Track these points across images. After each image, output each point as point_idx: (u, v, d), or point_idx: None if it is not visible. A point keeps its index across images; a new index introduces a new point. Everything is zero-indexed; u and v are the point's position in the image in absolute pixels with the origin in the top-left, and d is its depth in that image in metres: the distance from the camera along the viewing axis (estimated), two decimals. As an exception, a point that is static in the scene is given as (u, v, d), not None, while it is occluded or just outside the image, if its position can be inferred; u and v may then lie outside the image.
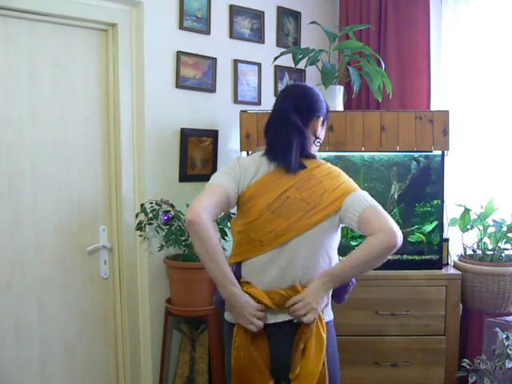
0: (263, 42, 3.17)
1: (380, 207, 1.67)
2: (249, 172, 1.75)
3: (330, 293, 1.75)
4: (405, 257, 2.66)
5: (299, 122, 1.74)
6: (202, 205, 1.62)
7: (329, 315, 1.79)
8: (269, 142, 1.79)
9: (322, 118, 1.81)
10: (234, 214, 2.03)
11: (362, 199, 1.67)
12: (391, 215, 1.69)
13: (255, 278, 1.72)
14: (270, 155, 1.76)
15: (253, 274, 1.72)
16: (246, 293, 1.69)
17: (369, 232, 1.63)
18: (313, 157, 1.79)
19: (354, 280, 1.79)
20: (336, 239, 1.77)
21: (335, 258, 1.78)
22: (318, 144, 1.83)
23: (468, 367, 2.47)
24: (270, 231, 1.69)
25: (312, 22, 2.97)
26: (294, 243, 1.69)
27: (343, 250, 1.87)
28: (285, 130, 1.74)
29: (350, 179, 1.78)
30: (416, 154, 2.67)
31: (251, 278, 1.72)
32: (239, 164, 1.77)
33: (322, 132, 1.83)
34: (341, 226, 1.75)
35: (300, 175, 1.72)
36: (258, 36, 3.14)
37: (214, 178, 1.75)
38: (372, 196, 1.72)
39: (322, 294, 1.67)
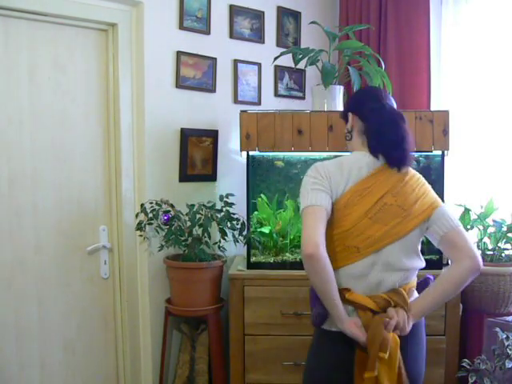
0: (263, 42, 3.17)
1: (463, 229, 1.74)
2: (340, 180, 1.73)
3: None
4: (405, 257, 2.67)
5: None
6: (318, 237, 1.61)
7: None
8: (381, 138, 1.77)
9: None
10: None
11: (449, 217, 1.74)
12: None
13: (354, 284, 1.71)
14: (383, 151, 1.76)
15: (351, 280, 1.72)
16: (349, 300, 1.69)
17: (452, 255, 1.72)
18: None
19: (432, 277, 1.84)
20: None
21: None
22: None
23: (468, 367, 2.47)
24: (368, 237, 1.69)
25: (312, 22, 2.97)
26: (389, 248, 1.71)
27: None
28: (398, 126, 1.77)
29: (430, 187, 1.83)
30: (416, 154, 2.66)
31: (350, 285, 1.72)
32: (327, 175, 1.73)
33: None
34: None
35: (393, 180, 1.74)
36: (258, 36, 3.14)
37: (309, 198, 1.69)
38: None
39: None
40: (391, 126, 1.76)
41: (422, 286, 1.81)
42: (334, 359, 1.75)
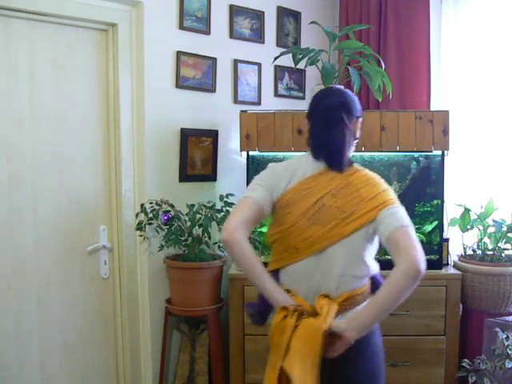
0: (263, 42, 3.17)
1: (411, 229, 1.61)
2: (282, 179, 1.73)
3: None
4: (405, 257, 2.66)
5: (346, 119, 1.73)
6: (235, 223, 1.64)
7: None
8: (316, 140, 1.75)
9: (360, 120, 1.82)
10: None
11: (397, 216, 1.63)
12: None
13: (297, 285, 1.71)
14: (318, 154, 1.73)
15: (293, 281, 1.72)
16: None
17: (393, 256, 1.59)
18: (351, 162, 1.77)
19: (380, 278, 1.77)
20: (373, 247, 1.73)
21: (373, 264, 1.76)
22: (356, 145, 1.82)
23: (468, 367, 2.47)
24: (306, 238, 1.68)
25: (312, 22, 2.97)
26: (330, 251, 1.68)
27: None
28: (335, 127, 1.72)
29: (390, 189, 1.74)
30: (416, 154, 2.67)
31: (291, 286, 1.72)
32: (272, 173, 1.76)
33: (359, 133, 1.83)
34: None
35: (336, 181, 1.70)
36: (258, 36, 3.14)
37: (247, 191, 1.75)
38: None
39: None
40: (328, 127, 1.72)
41: (372, 289, 1.73)
42: None
